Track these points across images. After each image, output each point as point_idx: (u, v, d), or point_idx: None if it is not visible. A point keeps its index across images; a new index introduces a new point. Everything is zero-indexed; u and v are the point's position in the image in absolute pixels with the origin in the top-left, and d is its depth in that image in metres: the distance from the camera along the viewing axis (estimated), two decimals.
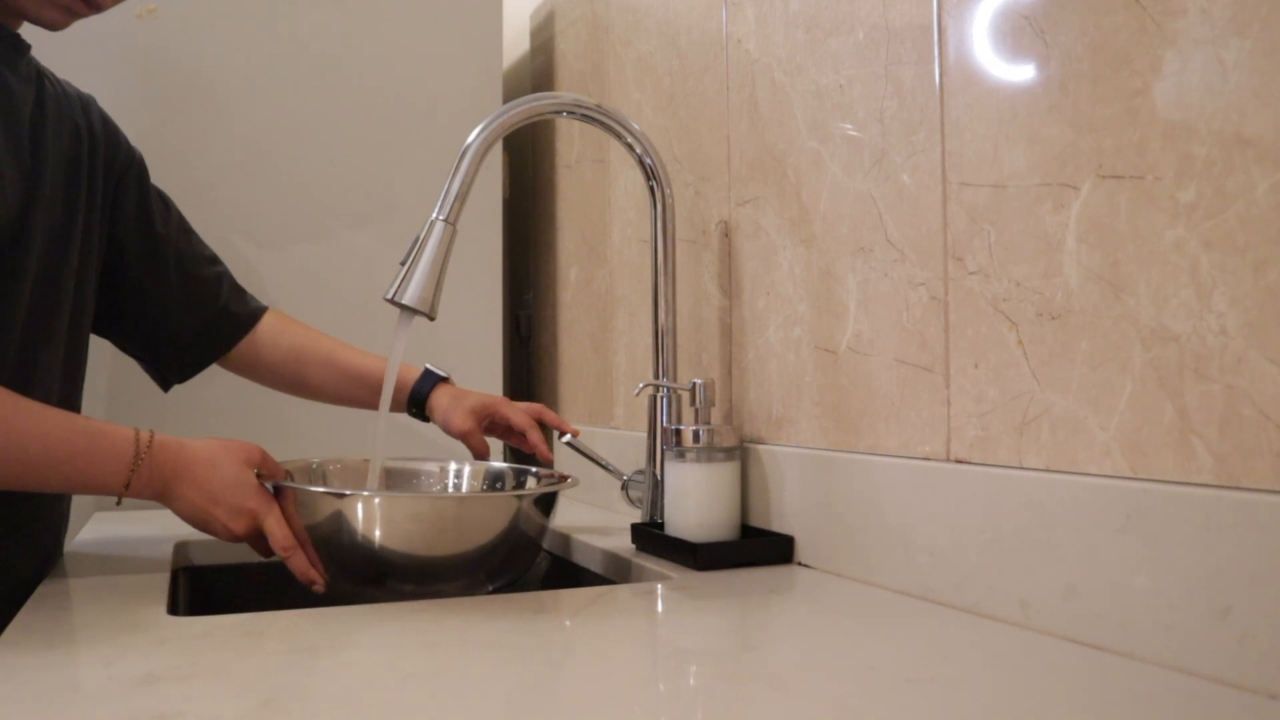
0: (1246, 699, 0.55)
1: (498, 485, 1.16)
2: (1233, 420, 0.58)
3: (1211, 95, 0.60)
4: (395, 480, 1.18)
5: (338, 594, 0.93)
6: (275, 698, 0.58)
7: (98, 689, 0.61)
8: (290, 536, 0.91)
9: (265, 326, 1.21)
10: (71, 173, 1.04)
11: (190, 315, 1.15)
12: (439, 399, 1.16)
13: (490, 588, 0.95)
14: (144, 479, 0.90)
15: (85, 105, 1.10)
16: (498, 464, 1.17)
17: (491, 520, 0.92)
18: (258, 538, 0.93)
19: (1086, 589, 0.66)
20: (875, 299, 0.88)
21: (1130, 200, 0.64)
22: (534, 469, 1.14)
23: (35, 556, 1.01)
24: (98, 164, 1.08)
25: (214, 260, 1.20)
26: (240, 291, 1.21)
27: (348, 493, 0.91)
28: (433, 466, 1.20)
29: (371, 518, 0.89)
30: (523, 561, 0.97)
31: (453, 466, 1.19)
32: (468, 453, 1.16)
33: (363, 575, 0.91)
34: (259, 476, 0.94)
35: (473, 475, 1.18)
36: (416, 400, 1.18)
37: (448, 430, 1.15)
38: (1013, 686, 0.60)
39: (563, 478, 1.07)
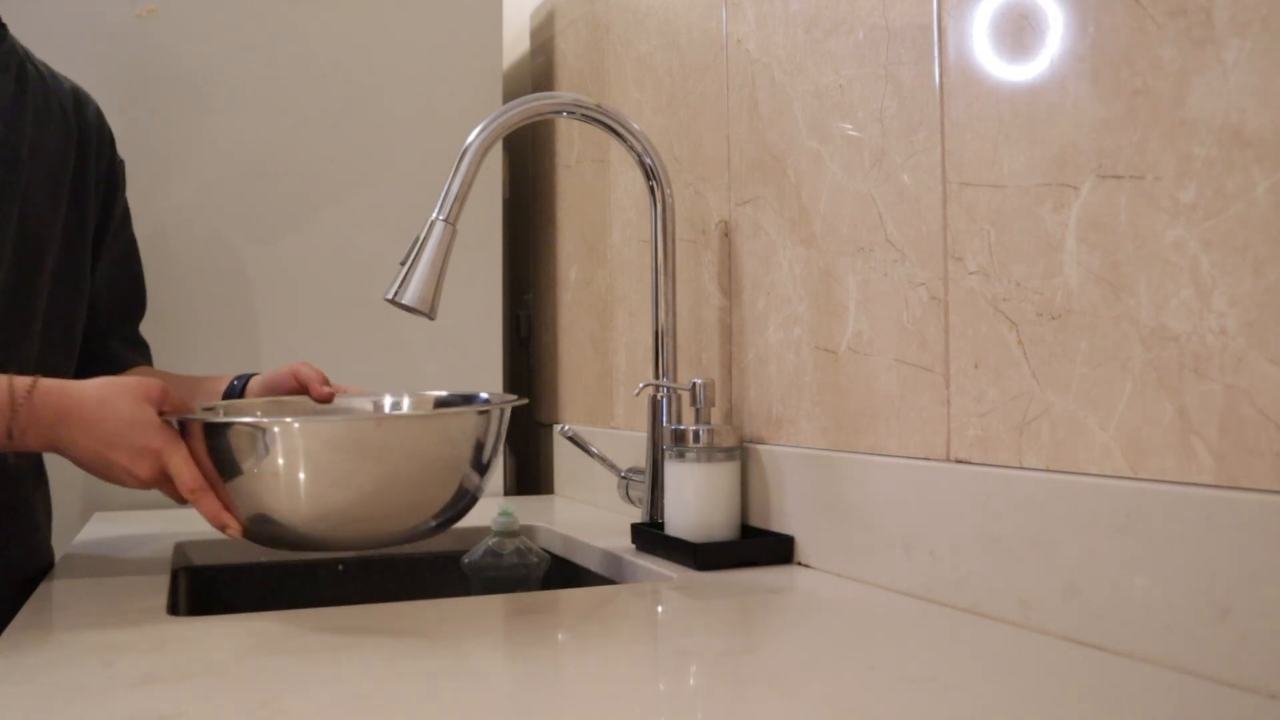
0: (1246, 699, 0.55)
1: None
2: (1233, 420, 0.58)
3: (1211, 95, 0.60)
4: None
5: (258, 541, 0.87)
6: (275, 697, 0.58)
7: (98, 689, 0.61)
8: (199, 477, 0.83)
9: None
10: (57, 169, 1.01)
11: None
12: (252, 390, 1.09)
13: (434, 523, 0.88)
14: (25, 427, 0.82)
15: (80, 101, 1.09)
16: (440, 392, 1.10)
17: (420, 442, 0.84)
18: (166, 482, 0.84)
19: (1086, 589, 0.66)
20: (875, 299, 0.88)
21: (1130, 200, 0.65)
22: (487, 394, 1.04)
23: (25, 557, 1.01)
24: (89, 164, 1.06)
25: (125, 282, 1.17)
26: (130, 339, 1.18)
27: (263, 421, 0.82)
28: (365, 403, 1.10)
29: (286, 447, 0.80)
30: (466, 493, 0.89)
31: (388, 400, 1.09)
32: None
33: (284, 522, 0.83)
34: (161, 415, 0.85)
35: (415, 405, 1.09)
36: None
37: None
38: (1013, 686, 0.60)
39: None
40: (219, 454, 0.82)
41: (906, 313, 0.84)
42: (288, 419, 0.85)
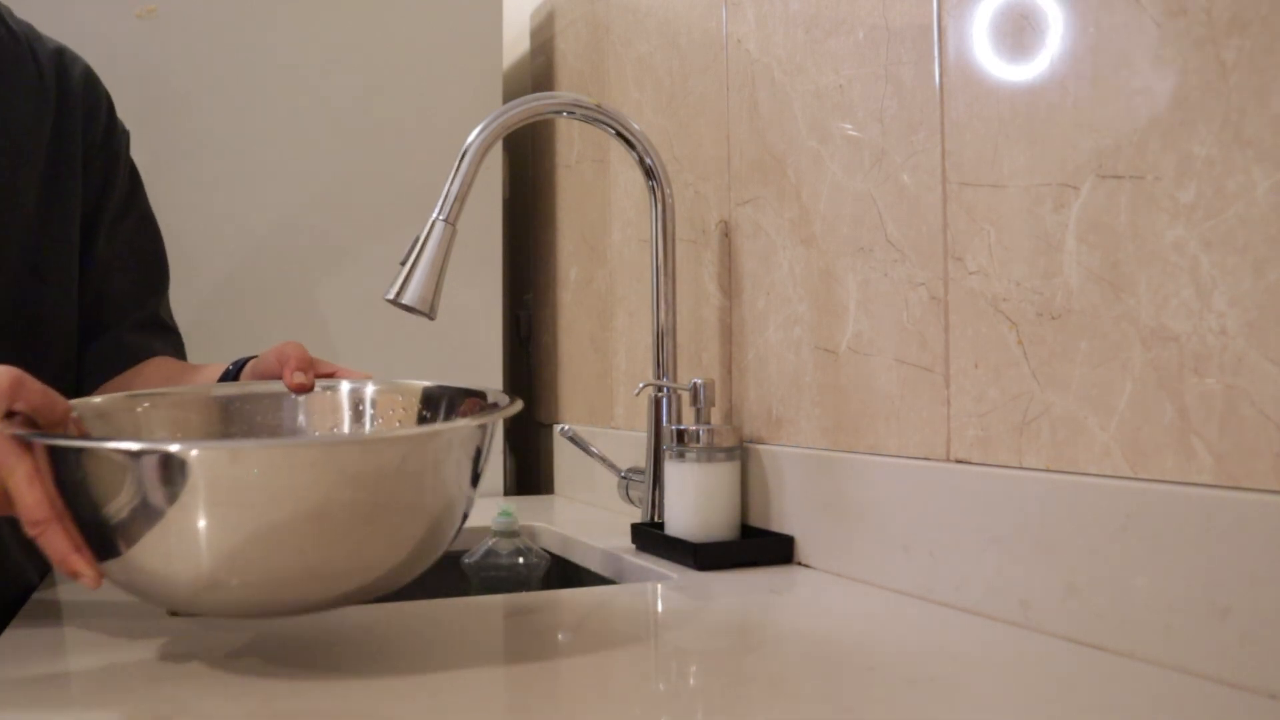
0: (1246, 699, 0.55)
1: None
2: (1233, 420, 0.58)
3: (1211, 95, 0.60)
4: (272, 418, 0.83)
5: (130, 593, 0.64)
6: (275, 697, 0.58)
7: (98, 689, 0.61)
8: (43, 504, 0.61)
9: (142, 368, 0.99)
10: (22, 140, 0.91)
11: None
12: (244, 376, 0.90)
13: (351, 589, 0.63)
14: None
15: (65, 63, 0.97)
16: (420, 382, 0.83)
17: (297, 484, 0.59)
18: (7, 505, 0.62)
19: (1086, 589, 0.66)
20: (875, 299, 0.88)
21: (1130, 200, 0.65)
22: (484, 392, 0.78)
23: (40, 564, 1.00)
24: (73, 134, 0.95)
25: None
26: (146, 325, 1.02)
27: (94, 444, 0.61)
28: (329, 398, 0.84)
29: (129, 480, 0.58)
30: (407, 544, 0.64)
31: (345, 387, 0.84)
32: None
33: (140, 578, 0.61)
34: (11, 418, 0.63)
35: (381, 403, 0.83)
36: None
37: None
38: (1013, 686, 0.60)
39: (481, 402, 0.76)
40: (61, 480, 0.61)
41: (906, 313, 0.84)
42: (130, 442, 0.60)
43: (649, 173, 1.09)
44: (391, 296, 0.96)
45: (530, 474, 1.77)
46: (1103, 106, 0.66)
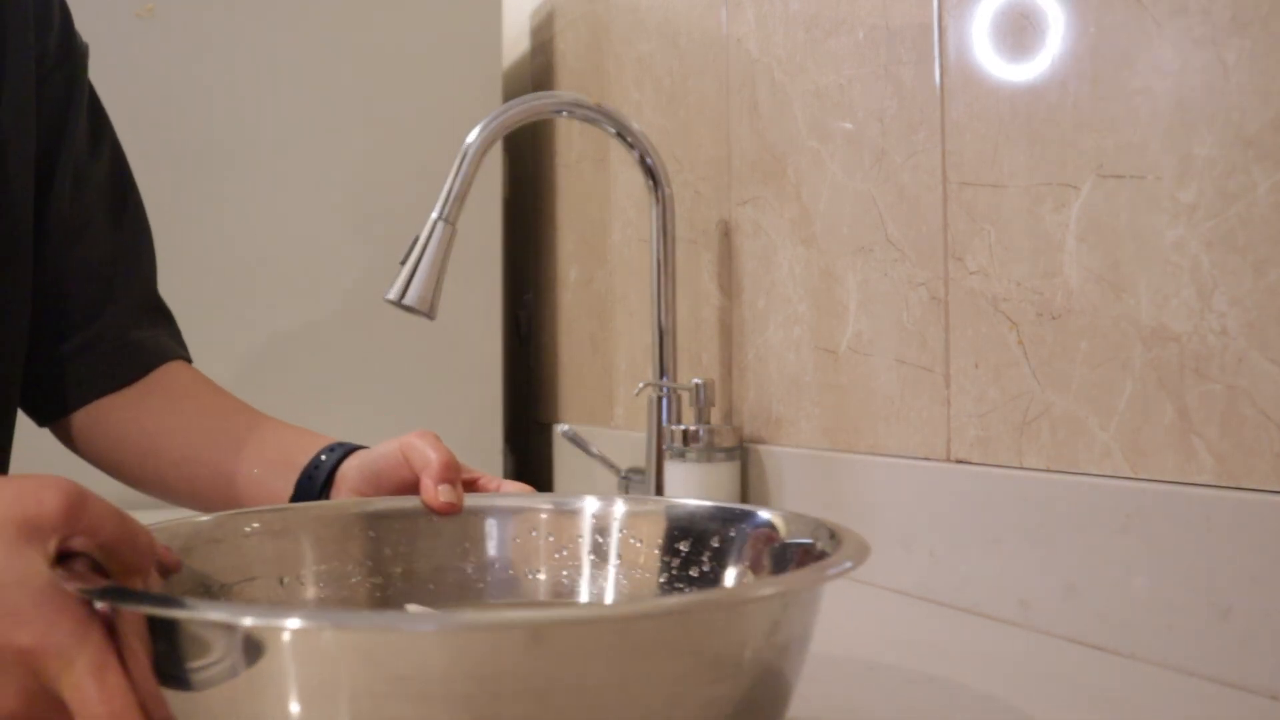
0: (1247, 699, 0.55)
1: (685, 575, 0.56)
2: (1233, 420, 0.58)
3: (1211, 95, 0.59)
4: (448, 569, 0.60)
5: None
6: None
7: None
8: (123, 696, 0.37)
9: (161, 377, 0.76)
10: None
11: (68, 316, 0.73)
12: (345, 478, 0.68)
13: None
14: None
15: None
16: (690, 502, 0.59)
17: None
18: (57, 715, 0.38)
19: (1086, 589, 0.66)
20: (875, 299, 0.88)
21: (1130, 200, 0.64)
22: (773, 515, 0.55)
23: None
24: (16, 43, 0.70)
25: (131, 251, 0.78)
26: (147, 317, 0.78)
27: (260, 623, 0.35)
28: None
29: (302, 677, 0.35)
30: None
31: (588, 506, 0.60)
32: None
33: None
34: (67, 563, 0.40)
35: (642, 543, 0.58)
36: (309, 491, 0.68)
37: None
38: (1013, 686, 0.60)
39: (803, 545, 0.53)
40: (169, 667, 0.37)
41: (906, 313, 0.84)
42: (316, 619, 0.36)
43: (649, 173, 1.09)
44: (392, 297, 0.96)
45: (530, 474, 1.76)
46: (1103, 106, 0.66)
